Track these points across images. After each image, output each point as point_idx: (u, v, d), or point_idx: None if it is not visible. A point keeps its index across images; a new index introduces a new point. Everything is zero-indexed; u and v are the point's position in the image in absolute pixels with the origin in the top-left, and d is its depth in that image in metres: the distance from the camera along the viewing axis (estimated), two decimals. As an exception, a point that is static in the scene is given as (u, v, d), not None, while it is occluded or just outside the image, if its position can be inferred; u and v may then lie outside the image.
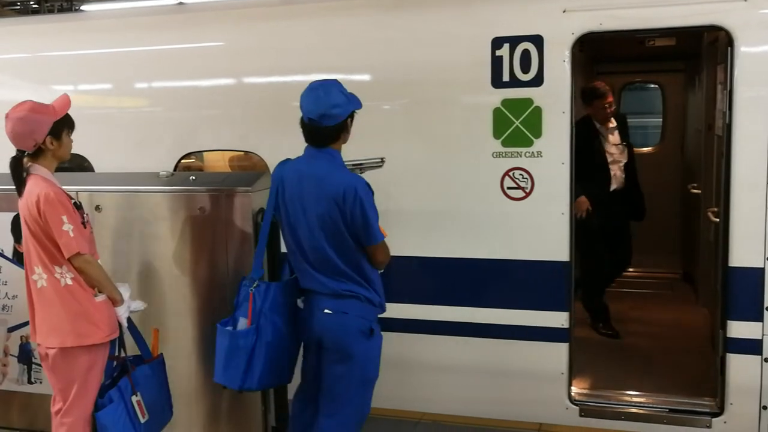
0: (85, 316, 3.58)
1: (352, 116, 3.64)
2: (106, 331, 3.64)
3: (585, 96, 6.12)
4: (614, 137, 6.16)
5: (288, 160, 3.74)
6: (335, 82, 3.59)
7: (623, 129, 6.28)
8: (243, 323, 3.71)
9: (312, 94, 3.51)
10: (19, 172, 3.61)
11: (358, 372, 3.61)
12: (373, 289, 3.64)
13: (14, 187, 3.66)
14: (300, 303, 3.72)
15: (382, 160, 4.40)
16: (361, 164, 4.30)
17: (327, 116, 3.47)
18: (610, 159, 6.06)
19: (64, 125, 3.68)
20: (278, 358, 3.71)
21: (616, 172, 6.10)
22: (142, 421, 3.77)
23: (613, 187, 6.07)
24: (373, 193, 3.58)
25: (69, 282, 3.57)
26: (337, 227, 3.49)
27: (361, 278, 3.60)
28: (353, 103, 3.60)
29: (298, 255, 3.63)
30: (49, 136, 3.60)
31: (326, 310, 3.57)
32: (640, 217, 6.35)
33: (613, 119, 6.20)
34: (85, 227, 3.66)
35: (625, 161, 6.16)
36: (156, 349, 4.00)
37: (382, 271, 3.74)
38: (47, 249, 3.55)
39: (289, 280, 3.77)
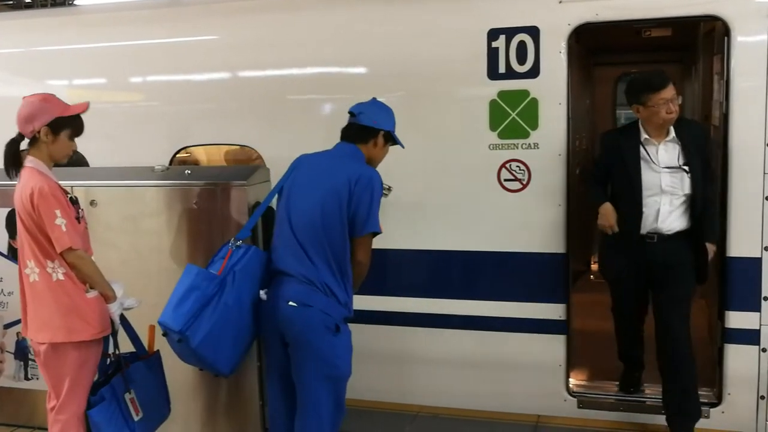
0: (77, 312, 3.55)
1: (387, 138, 3.79)
2: (97, 327, 3.60)
3: (633, 90, 4.20)
4: (666, 156, 4.18)
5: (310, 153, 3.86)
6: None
7: (693, 144, 4.19)
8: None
9: (369, 100, 3.84)
10: (13, 153, 3.60)
11: (325, 369, 3.54)
12: (344, 285, 3.59)
13: (9, 181, 3.64)
14: (263, 294, 3.66)
15: (390, 188, 4.43)
16: None
17: (364, 114, 3.73)
18: (651, 190, 4.16)
19: (67, 125, 3.63)
20: (230, 330, 3.57)
21: (663, 208, 4.17)
22: (136, 418, 3.73)
23: (652, 227, 4.20)
24: (382, 194, 3.65)
25: (60, 277, 3.54)
26: (339, 205, 3.51)
27: (337, 268, 3.55)
28: (391, 126, 3.80)
29: (286, 223, 3.60)
30: (46, 128, 3.55)
31: (290, 303, 3.51)
32: (699, 278, 4.31)
33: (671, 129, 4.19)
34: (79, 222, 3.64)
35: (683, 193, 4.15)
36: (152, 345, 3.97)
37: (356, 290, 3.71)
38: (40, 243, 3.53)
39: (268, 256, 3.73)
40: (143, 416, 3.79)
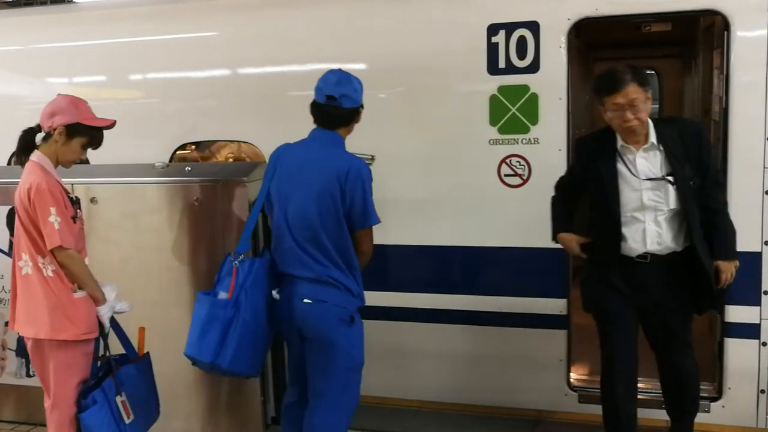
0: (62, 311, 3.53)
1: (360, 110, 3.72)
2: (82, 328, 3.57)
3: (593, 88, 3.70)
4: (647, 165, 3.61)
5: (288, 143, 3.76)
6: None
7: (681, 149, 3.61)
8: (223, 296, 3.63)
9: (334, 77, 3.64)
10: (27, 141, 3.64)
11: (342, 360, 3.57)
12: (354, 277, 3.60)
13: (10, 179, 3.65)
14: (276, 294, 3.66)
15: (372, 158, 4.40)
16: None
17: (347, 97, 3.59)
18: (632, 206, 3.61)
19: (84, 133, 3.63)
20: (252, 340, 3.61)
21: (649, 227, 3.62)
22: (127, 421, 3.71)
23: (642, 250, 3.63)
24: (372, 180, 3.60)
25: (50, 274, 3.53)
26: (333, 204, 3.48)
27: (344, 263, 3.55)
28: (361, 96, 3.70)
29: (285, 231, 3.58)
30: (62, 128, 3.56)
31: (305, 300, 3.53)
32: (699, 308, 3.76)
33: (652, 133, 3.61)
34: (74, 222, 3.63)
35: (669, 208, 3.60)
36: (142, 348, 3.93)
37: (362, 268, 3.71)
38: (33, 238, 3.53)
39: (273, 260, 3.72)
40: (133, 419, 3.77)
